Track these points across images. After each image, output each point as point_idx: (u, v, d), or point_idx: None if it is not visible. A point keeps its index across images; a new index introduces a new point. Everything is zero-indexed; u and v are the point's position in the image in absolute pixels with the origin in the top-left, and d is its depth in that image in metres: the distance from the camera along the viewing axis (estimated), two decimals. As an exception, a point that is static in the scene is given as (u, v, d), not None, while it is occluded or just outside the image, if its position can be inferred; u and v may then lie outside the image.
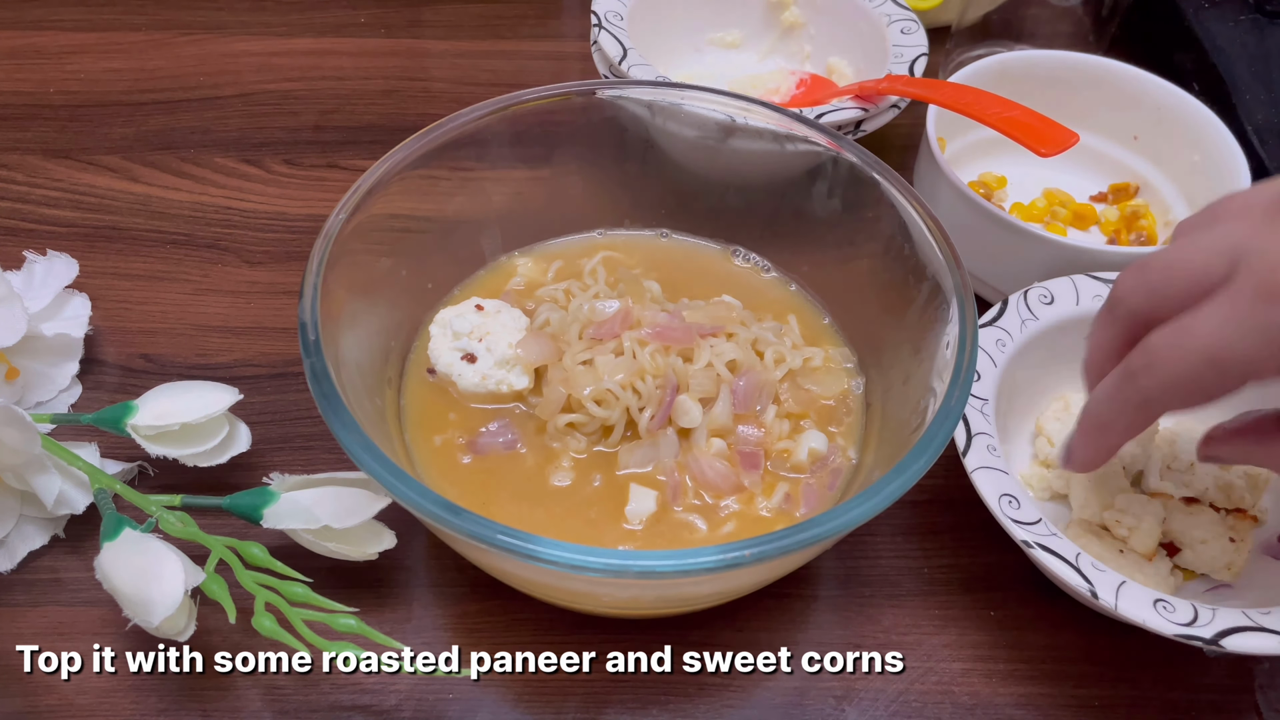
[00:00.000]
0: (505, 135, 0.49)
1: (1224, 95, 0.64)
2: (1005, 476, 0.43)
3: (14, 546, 0.46)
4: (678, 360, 0.45)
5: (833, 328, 0.51)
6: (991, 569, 0.48)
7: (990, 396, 0.46)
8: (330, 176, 0.65)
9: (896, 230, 0.46)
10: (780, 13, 0.69)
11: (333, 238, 0.42)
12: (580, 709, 0.43)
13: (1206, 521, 0.45)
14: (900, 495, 0.35)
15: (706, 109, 0.50)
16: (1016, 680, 0.45)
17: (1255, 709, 0.44)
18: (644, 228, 0.55)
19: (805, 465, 0.44)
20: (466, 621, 0.45)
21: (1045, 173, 0.63)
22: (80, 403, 0.52)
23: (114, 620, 0.44)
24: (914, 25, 0.63)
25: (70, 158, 0.65)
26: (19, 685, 0.43)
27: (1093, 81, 0.61)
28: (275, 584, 0.40)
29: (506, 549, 0.33)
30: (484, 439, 0.45)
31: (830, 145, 0.48)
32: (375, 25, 0.76)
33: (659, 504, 0.43)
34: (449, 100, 0.71)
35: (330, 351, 0.39)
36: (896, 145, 0.67)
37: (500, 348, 0.47)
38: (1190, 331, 0.35)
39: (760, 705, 0.43)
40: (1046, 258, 0.53)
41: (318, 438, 0.51)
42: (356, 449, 0.36)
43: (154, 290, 0.58)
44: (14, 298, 0.47)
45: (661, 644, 0.45)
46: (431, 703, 0.43)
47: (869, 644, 0.45)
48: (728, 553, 0.33)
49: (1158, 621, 0.39)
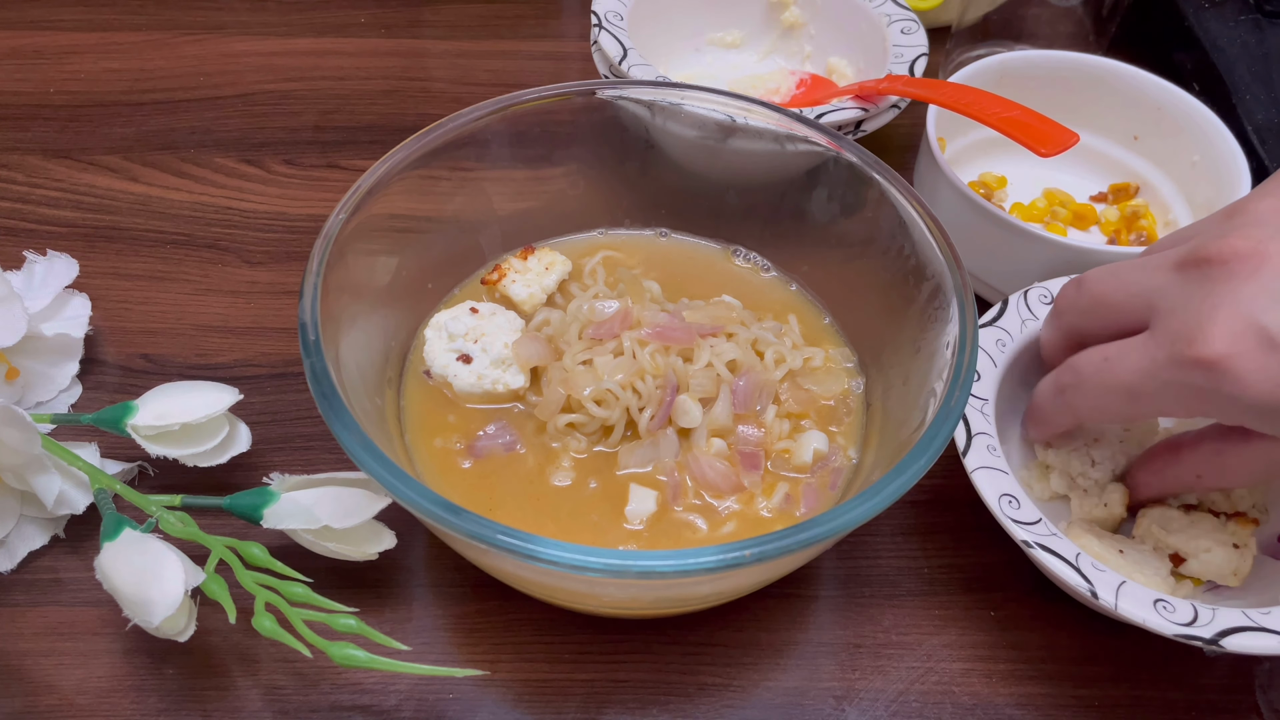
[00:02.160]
0: (505, 135, 0.49)
1: (1224, 95, 0.64)
2: (1005, 476, 0.43)
3: (14, 546, 0.46)
4: (678, 360, 0.45)
5: (833, 328, 0.51)
6: (991, 569, 0.48)
7: (990, 396, 0.46)
8: (330, 176, 0.65)
9: (896, 230, 0.46)
10: (780, 13, 0.69)
11: (333, 238, 0.42)
12: (580, 709, 0.43)
13: (1208, 529, 0.45)
14: (900, 495, 0.35)
15: (706, 109, 0.50)
16: (1016, 680, 0.45)
17: (1255, 709, 0.44)
18: (644, 227, 0.55)
19: (808, 465, 0.44)
20: (466, 621, 0.45)
21: (1045, 173, 0.63)
22: (80, 403, 0.52)
23: (114, 620, 0.44)
24: (914, 25, 0.64)
25: (70, 158, 0.65)
26: (19, 685, 0.43)
27: (1093, 81, 0.61)
28: (275, 584, 0.40)
29: (506, 549, 0.33)
30: (483, 440, 0.45)
31: (830, 145, 0.48)
32: (375, 25, 0.76)
33: (659, 504, 0.43)
34: (449, 100, 0.71)
35: (330, 351, 0.39)
36: (896, 145, 0.67)
37: (495, 348, 0.47)
38: (1111, 368, 0.40)
39: (760, 705, 0.44)
40: (1046, 258, 0.53)
41: (318, 438, 0.51)
42: (356, 449, 0.36)
43: (154, 290, 0.58)
44: (14, 298, 0.47)
45: (661, 644, 0.45)
46: (431, 703, 0.43)
47: (869, 644, 0.45)
48: (728, 553, 0.33)
49: (1158, 621, 0.39)
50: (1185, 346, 0.37)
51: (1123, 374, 0.40)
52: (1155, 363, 0.38)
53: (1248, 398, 0.36)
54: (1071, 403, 0.43)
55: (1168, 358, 0.38)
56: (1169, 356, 0.38)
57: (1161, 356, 0.38)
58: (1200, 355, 0.36)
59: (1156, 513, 0.46)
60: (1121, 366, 0.40)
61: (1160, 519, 0.45)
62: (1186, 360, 0.37)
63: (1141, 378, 0.39)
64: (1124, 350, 0.40)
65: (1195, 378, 0.37)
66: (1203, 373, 0.37)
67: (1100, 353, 0.41)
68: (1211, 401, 0.38)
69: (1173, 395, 0.38)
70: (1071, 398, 0.43)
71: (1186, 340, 0.37)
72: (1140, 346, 0.39)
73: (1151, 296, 0.40)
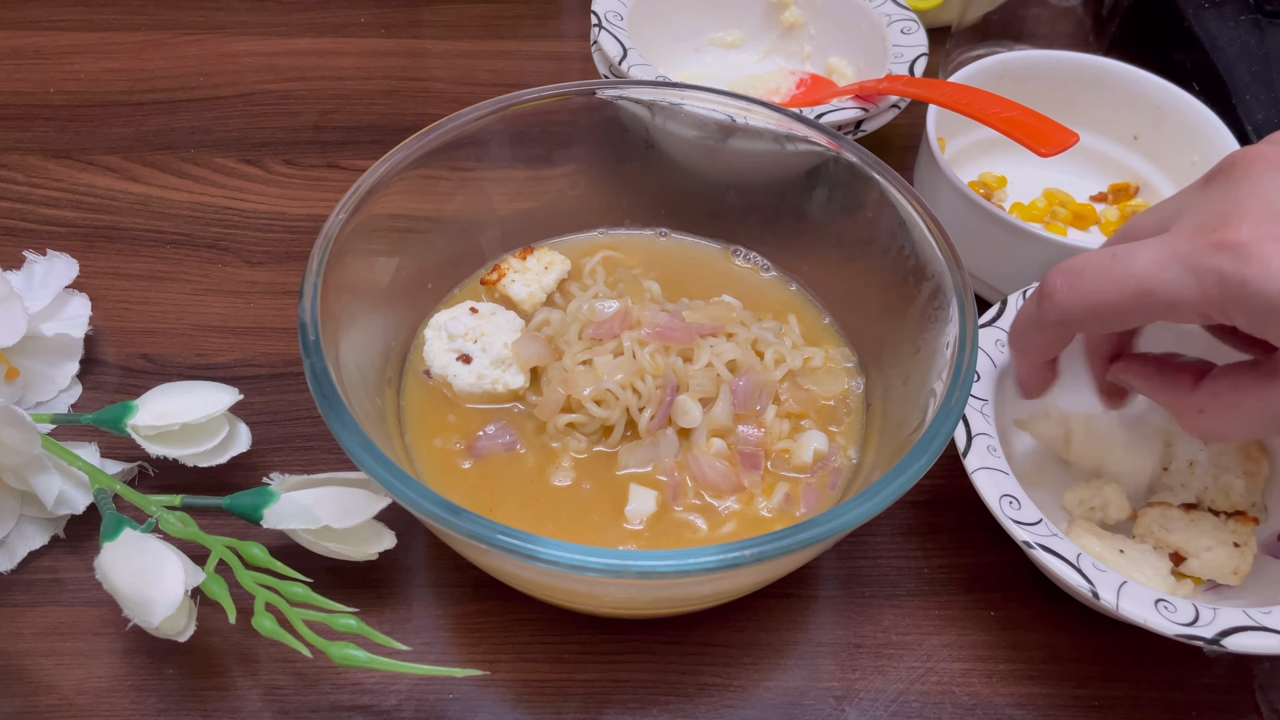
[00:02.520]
0: (505, 135, 0.49)
1: (1224, 95, 0.64)
2: (1005, 477, 0.43)
3: (14, 546, 0.46)
4: (678, 360, 0.45)
5: (833, 328, 0.51)
6: (991, 569, 0.48)
7: (990, 396, 0.46)
8: (330, 176, 0.65)
9: (896, 230, 0.46)
10: (780, 13, 0.69)
11: (333, 238, 0.42)
12: (580, 709, 0.43)
13: (1209, 528, 0.45)
14: (900, 495, 0.35)
15: (706, 109, 0.50)
16: (1016, 680, 0.45)
17: (1255, 709, 0.44)
18: (644, 227, 0.55)
19: (808, 465, 0.44)
20: (466, 621, 0.45)
21: (1045, 173, 0.63)
22: (80, 403, 0.52)
23: (114, 620, 0.44)
24: (914, 25, 0.64)
25: (70, 158, 0.65)
26: (19, 685, 0.43)
27: (1093, 81, 0.61)
28: (275, 584, 0.40)
29: (506, 549, 0.33)
30: (483, 440, 0.45)
31: (830, 145, 0.48)
32: (375, 25, 0.76)
33: (659, 504, 0.43)
34: (449, 100, 0.71)
35: (330, 351, 0.39)
36: (896, 145, 0.67)
37: (495, 348, 0.47)
38: (1119, 262, 0.37)
39: (760, 705, 0.43)
40: (1046, 258, 0.53)
41: (318, 438, 0.51)
42: (356, 449, 0.36)
43: (154, 290, 0.58)
44: (14, 298, 0.47)
45: (661, 644, 0.45)
46: (431, 703, 0.43)
47: (869, 644, 0.45)
48: (728, 553, 0.33)
49: (1159, 621, 0.39)
50: (1212, 231, 0.35)
51: (1134, 265, 0.37)
52: (1175, 251, 0.36)
53: (1270, 286, 0.34)
54: (1062, 304, 0.39)
55: (1190, 243, 0.36)
56: (1192, 242, 0.36)
57: (1183, 245, 0.36)
58: (1228, 237, 0.35)
59: (1156, 512, 0.46)
60: (1133, 259, 0.37)
61: (1160, 518, 0.45)
62: (1212, 244, 0.35)
63: (1156, 268, 0.36)
64: (1136, 247, 0.38)
65: (1220, 262, 0.35)
66: (1229, 256, 0.35)
67: (1106, 250, 0.39)
68: (1231, 292, 0.35)
69: (1191, 285, 0.36)
70: (1064, 298, 0.39)
71: (1213, 226, 0.35)
72: (1157, 242, 0.37)
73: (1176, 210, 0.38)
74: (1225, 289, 0.35)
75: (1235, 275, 0.35)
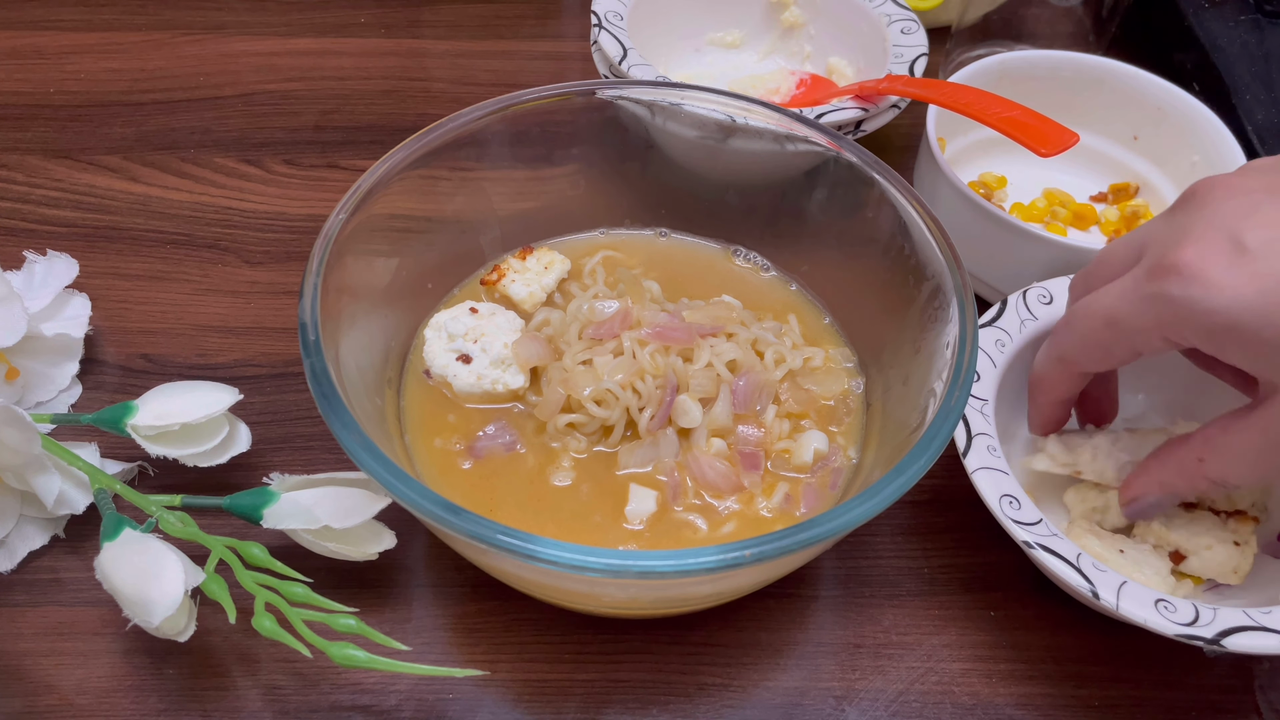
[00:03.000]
0: (505, 135, 0.49)
1: (1224, 95, 0.64)
2: (1005, 477, 0.43)
3: (14, 546, 0.46)
4: (678, 360, 0.45)
5: (833, 328, 0.51)
6: (991, 569, 0.48)
7: (990, 396, 0.46)
8: (330, 176, 0.65)
9: (896, 230, 0.46)
10: (780, 13, 0.69)
11: (333, 238, 0.42)
12: (580, 709, 0.43)
13: (1209, 526, 0.45)
14: (900, 495, 0.35)
15: (706, 109, 0.50)
16: (1016, 680, 0.45)
17: (1255, 709, 0.44)
18: (644, 227, 0.55)
19: (808, 465, 0.44)
20: (466, 621, 0.45)
21: (1045, 173, 0.63)
22: (80, 403, 0.52)
23: (114, 620, 0.44)
24: (914, 25, 0.64)
25: (70, 158, 0.65)
26: (19, 685, 0.43)
27: (1093, 81, 0.61)
28: (275, 584, 0.40)
29: (506, 549, 0.33)
30: (483, 440, 0.45)
31: (830, 145, 0.48)
32: (375, 25, 0.76)
33: (659, 504, 0.43)
34: (449, 100, 0.71)
35: (330, 351, 0.39)
36: (896, 145, 0.67)
37: (495, 348, 0.47)
38: (1097, 299, 0.40)
39: (760, 705, 0.43)
40: (1046, 258, 0.53)
41: (318, 438, 0.51)
42: (356, 449, 0.36)
43: (154, 290, 0.58)
44: (14, 298, 0.47)
45: (661, 644, 0.45)
46: (431, 703, 0.43)
47: (869, 644, 0.45)
48: (728, 553, 0.33)
49: (1159, 621, 0.39)
50: (1159, 256, 0.38)
51: (1106, 299, 0.40)
52: (1135, 279, 0.39)
53: (1215, 303, 0.36)
54: (1060, 343, 0.43)
55: (1143, 270, 0.38)
56: (1145, 270, 0.38)
57: (1140, 273, 0.39)
58: (1172, 260, 0.37)
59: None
60: (1104, 293, 0.40)
61: (1161, 516, 0.45)
62: (1162, 268, 0.37)
63: (1120, 299, 0.39)
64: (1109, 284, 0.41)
65: (1169, 285, 0.37)
66: (1175, 279, 0.37)
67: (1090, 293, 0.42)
68: (1181, 314, 0.37)
69: (1149, 313, 0.38)
70: (1061, 337, 0.43)
71: (1161, 252, 0.38)
72: (1127, 275, 0.40)
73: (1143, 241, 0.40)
74: (1176, 311, 0.37)
75: (1183, 297, 0.36)
